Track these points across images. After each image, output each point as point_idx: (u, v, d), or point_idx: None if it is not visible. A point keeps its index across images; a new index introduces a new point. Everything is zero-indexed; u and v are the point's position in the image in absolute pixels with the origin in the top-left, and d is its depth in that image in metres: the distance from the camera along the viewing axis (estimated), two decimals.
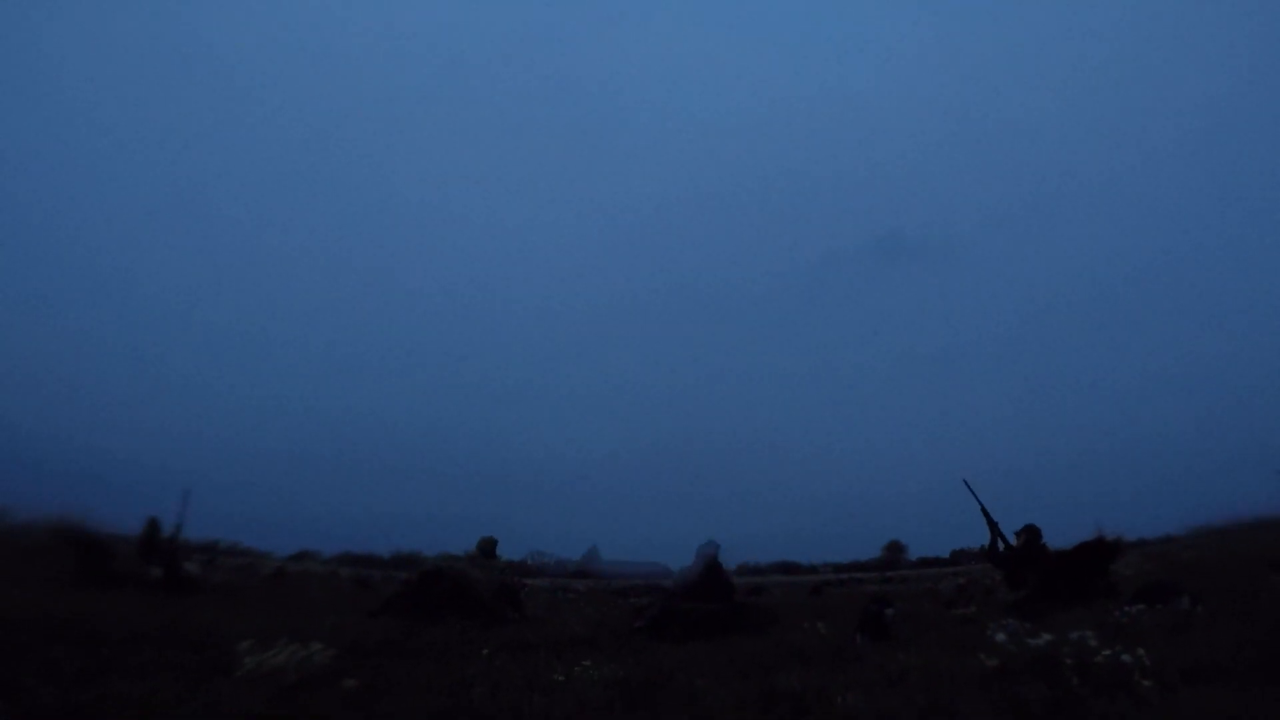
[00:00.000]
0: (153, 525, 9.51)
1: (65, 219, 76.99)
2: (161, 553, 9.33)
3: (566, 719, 3.60)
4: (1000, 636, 4.21)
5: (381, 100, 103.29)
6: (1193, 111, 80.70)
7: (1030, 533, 8.64)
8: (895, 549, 41.96)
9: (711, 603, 8.06)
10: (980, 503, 8.81)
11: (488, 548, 9.97)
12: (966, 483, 8.85)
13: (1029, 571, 8.41)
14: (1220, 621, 4.75)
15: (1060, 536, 8.62)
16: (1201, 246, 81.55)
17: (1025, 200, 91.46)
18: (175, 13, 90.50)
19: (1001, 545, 8.71)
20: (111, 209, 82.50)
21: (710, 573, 8.69)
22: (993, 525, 8.74)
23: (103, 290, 73.62)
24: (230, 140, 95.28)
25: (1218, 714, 2.89)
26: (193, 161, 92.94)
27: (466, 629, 6.80)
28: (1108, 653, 3.46)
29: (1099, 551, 7.98)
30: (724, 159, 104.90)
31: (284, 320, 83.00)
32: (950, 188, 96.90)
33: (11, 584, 6.95)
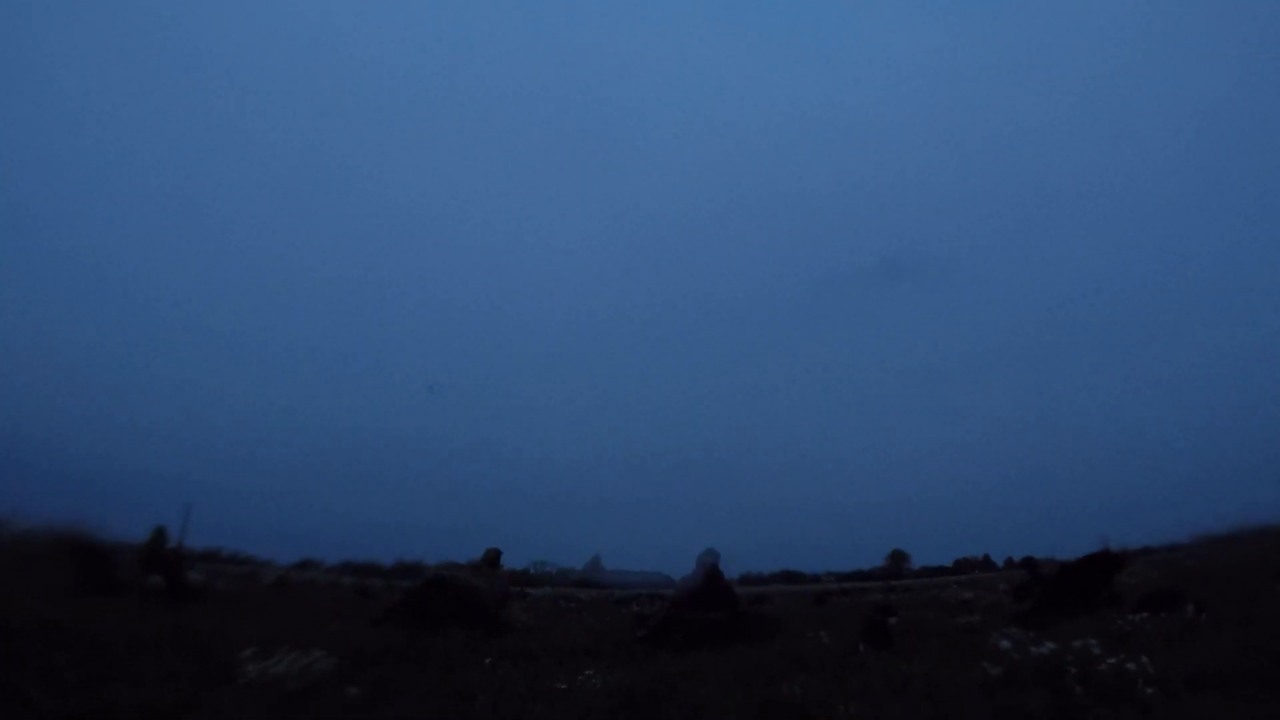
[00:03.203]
0: (157, 534, 9.49)
1: (65, 224, 77.27)
2: (164, 561, 9.30)
3: None
4: (1004, 644, 4.19)
5: (390, 107, 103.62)
6: (1189, 118, 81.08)
7: (1029, 565, 8.90)
8: (898, 558, 41.84)
9: (713, 611, 8.02)
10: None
11: (493, 558, 10.01)
12: None
13: (1035, 583, 8.52)
14: (1224, 629, 4.73)
15: (1065, 546, 8.73)
16: (1201, 255, 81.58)
17: (1022, 216, 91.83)
18: (173, 19, 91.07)
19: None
20: (112, 215, 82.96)
21: (711, 581, 8.65)
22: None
23: (105, 296, 73.87)
24: (234, 147, 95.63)
25: None
26: (196, 168, 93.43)
27: (469, 638, 6.77)
28: (1112, 661, 3.45)
29: (1104, 563, 7.98)
30: (733, 176, 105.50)
31: (288, 329, 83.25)
32: (949, 207, 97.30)
33: (13, 592, 6.93)
